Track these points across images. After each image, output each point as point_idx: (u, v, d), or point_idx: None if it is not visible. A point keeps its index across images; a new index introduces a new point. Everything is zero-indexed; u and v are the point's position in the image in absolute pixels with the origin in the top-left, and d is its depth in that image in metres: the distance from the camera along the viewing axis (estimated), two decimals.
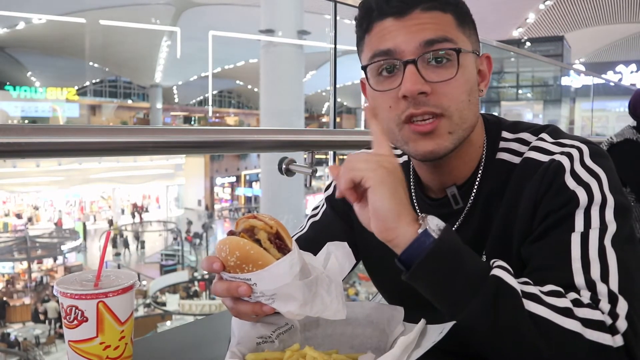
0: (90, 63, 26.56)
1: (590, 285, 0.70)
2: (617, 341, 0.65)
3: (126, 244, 22.25)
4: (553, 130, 0.86)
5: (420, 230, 0.69)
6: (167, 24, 23.29)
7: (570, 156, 0.79)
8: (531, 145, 0.84)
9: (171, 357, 0.95)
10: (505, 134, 0.89)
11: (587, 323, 0.65)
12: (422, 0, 0.79)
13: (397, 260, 0.71)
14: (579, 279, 0.71)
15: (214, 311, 12.76)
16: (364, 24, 0.84)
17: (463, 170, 0.88)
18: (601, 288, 0.69)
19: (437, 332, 0.71)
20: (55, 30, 22.52)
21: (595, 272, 0.70)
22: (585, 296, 0.69)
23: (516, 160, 0.85)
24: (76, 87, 28.64)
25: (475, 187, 0.87)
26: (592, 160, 0.78)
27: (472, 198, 0.87)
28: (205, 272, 18.61)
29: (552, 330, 0.65)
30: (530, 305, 0.66)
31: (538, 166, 0.80)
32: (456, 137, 0.81)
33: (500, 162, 0.87)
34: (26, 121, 24.24)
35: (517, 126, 0.90)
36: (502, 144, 0.88)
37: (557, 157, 0.80)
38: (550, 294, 0.68)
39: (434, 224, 0.70)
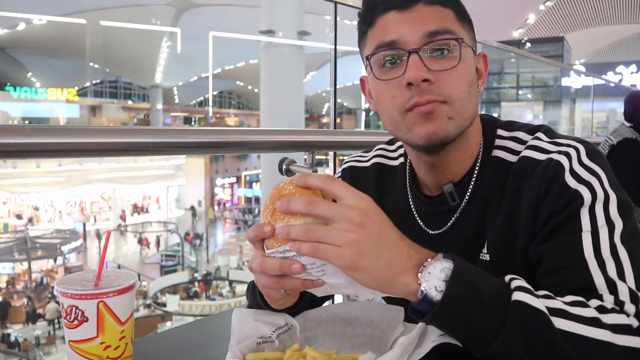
0: (91, 64, 26.56)
1: (611, 285, 0.70)
2: None
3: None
4: (547, 130, 0.87)
5: (422, 289, 0.64)
6: (168, 24, 23.29)
7: (568, 155, 0.80)
8: (527, 144, 0.85)
9: (171, 357, 0.95)
10: (501, 132, 0.90)
11: (616, 329, 0.64)
12: None
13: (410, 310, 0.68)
14: (598, 279, 0.71)
15: (214, 312, 12.75)
16: (368, 19, 0.85)
17: (460, 167, 0.89)
18: (622, 288, 0.69)
19: (437, 332, 0.71)
20: (55, 31, 22.52)
21: (612, 270, 0.71)
22: (608, 300, 0.68)
23: (512, 158, 0.86)
24: (76, 88, 28.62)
25: (472, 184, 0.88)
26: (589, 159, 0.80)
27: (468, 195, 0.88)
28: (204, 273, 18.63)
29: (585, 344, 0.63)
30: (559, 322, 0.64)
31: (536, 165, 0.81)
32: (456, 123, 0.82)
33: (497, 159, 0.88)
34: (27, 122, 24.26)
35: (512, 125, 0.91)
36: (498, 142, 0.89)
37: (554, 155, 0.81)
38: (574, 304, 0.66)
39: (438, 270, 0.64)
